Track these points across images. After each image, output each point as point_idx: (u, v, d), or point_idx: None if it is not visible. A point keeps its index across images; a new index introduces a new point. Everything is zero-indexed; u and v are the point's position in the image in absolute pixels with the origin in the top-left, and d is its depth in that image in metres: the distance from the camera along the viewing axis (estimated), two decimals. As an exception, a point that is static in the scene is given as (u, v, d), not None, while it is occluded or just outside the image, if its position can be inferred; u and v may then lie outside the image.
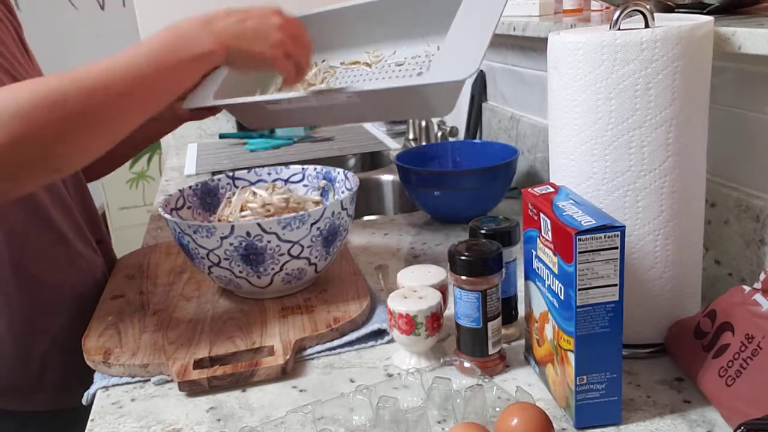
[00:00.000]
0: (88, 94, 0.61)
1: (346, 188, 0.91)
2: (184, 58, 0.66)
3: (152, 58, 0.65)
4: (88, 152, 0.64)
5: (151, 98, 0.66)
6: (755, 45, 0.62)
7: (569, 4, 1.13)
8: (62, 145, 0.60)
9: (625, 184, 0.63)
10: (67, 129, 0.60)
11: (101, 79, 0.62)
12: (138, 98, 0.64)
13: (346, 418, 0.61)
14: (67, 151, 0.61)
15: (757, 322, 0.55)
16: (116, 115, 0.63)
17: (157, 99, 0.66)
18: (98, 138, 0.63)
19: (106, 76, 0.62)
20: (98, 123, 0.62)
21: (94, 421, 0.65)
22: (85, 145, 0.63)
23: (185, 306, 0.83)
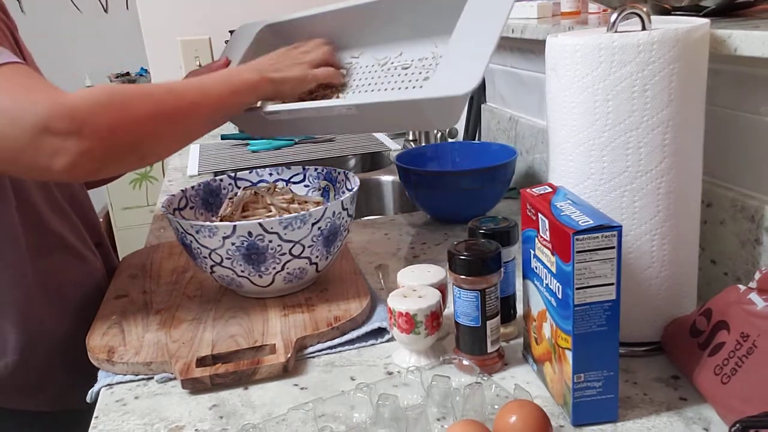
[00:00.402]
0: (177, 99, 0.74)
1: (346, 188, 0.92)
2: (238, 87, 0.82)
3: (215, 84, 0.80)
4: (168, 146, 0.76)
5: (215, 113, 0.81)
6: (751, 47, 0.63)
7: (567, 6, 1.14)
8: (150, 138, 0.71)
9: (622, 184, 0.64)
10: (159, 123, 0.72)
11: (184, 90, 0.77)
12: (207, 111, 0.79)
13: (346, 416, 0.62)
14: (154, 142, 0.73)
15: (752, 320, 0.56)
16: (192, 120, 0.77)
17: (220, 113, 0.82)
18: (178, 135, 0.76)
19: (187, 89, 0.78)
20: (179, 123, 0.75)
21: (98, 418, 0.66)
22: (167, 140, 0.75)
23: (188, 305, 0.84)
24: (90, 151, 0.65)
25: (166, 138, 0.74)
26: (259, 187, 0.95)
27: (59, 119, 0.63)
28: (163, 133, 0.73)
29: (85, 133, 0.64)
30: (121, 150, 0.69)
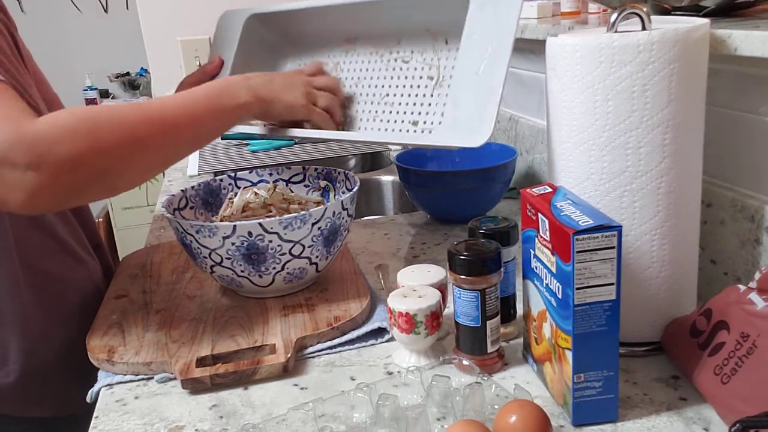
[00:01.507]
0: (150, 123, 0.68)
1: (346, 188, 0.92)
2: (226, 106, 0.76)
3: (203, 102, 0.74)
4: (141, 175, 0.70)
5: (199, 134, 0.74)
6: (751, 47, 0.63)
7: (567, 6, 1.14)
8: (121, 166, 0.65)
9: (622, 184, 0.64)
10: (129, 151, 0.65)
11: (163, 112, 0.70)
12: (189, 133, 0.73)
13: (346, 416, 0.62)
14: (124, 172, 0.66)
15: (752, 320, 0.56)
16: (170, 144, 0.71)
17: (203, 136, 0.75)
18: (153, 163, 0.70)
19: (167, 110, 0.70)
20: (155, 149, 0.69)
21: (98, 418, 0.66)
22: (140, 168, 0.68)
23: (188, 305, 0.84)
24: (49, 186, 0.60)
25: (139, 166, 0.68)
26: (260, 187, 0.95)
27: (19, 151, 0.59)
28: (134, 162, 0.67)
29: (44, 167, 0.59)
30: (86, 182, 0.63)
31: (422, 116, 0.87)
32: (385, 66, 0.92)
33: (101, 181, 0.65)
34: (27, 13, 3.48)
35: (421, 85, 0.88)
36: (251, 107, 0.78)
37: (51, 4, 3.50)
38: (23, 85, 0.84)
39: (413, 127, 0.88)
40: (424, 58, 0.88)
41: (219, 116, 0.75)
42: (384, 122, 0.91)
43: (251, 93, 0.78)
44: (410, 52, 0.90)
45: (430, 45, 0.88)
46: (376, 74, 0.93)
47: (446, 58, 0.86)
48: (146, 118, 0.68)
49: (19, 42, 0.90)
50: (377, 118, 0.92)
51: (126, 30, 3.48)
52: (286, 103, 0.82)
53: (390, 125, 0.90)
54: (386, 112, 0.91)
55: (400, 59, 0.91)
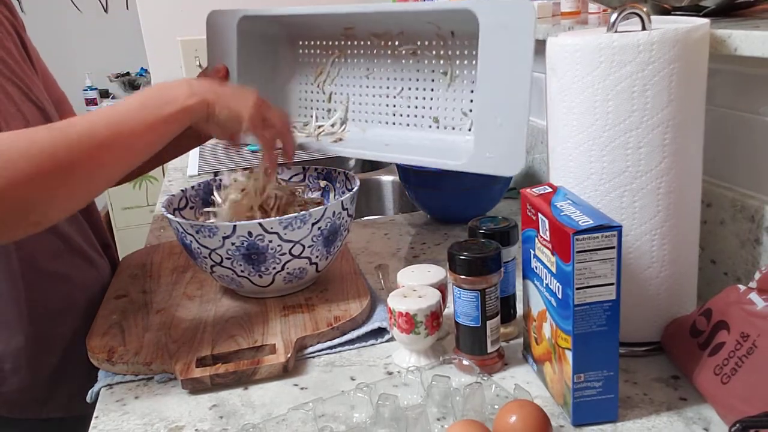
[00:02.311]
0: (72, 146, 0.60)
1: (346, 188, 0.92)
2: (164, 113, 0.67)
3: (133, 113, 0.65)
4: (68, 205, 0.64)
5: (134, 150, 0.66)
6: (751, 47, 0.63)
7: (567, 6, 1.14)
8: (44, 199, 0.59)
9: (622, 184, 0.64)
10: (52, 180, 0.59)
11: (86, 131, 0.62)
12: (121, 151, 0.64)
13: (346, 416, 0.62)
14: (48, 205, 0.60)
15: (752, 320, 0.56)
16: (99, 167, 0.63)
17: (137, 152, 0.67)
18: (80, 191, 0.63)
19: (91, 129, 0.62)
20: (82, 175, 0.62)
21: (98, 418, 0.66)
22: (66, 198, 0.62)
23: (188, 305, 0.84)
24: None
25: (65, 196, 0.61)
26: None
27: None
28: (59, 192, 0.60)
29: None
30: (6, 218, 0.58)
31: (441, 112, 0.87)
32: (392, 57, 0.90)
33: (23, 217, 0.59)
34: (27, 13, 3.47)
35: (435, 80, 0.87)
36: (193, 111, 0.69)
37: (51, 4, 3.50)
38: (28, 85, 0.83)
39: (435, 124, 0.87)
40: (432, 51, 0.87)
41: (156, 127, 0.66)
42: (404, 117, 0.91)
43: (194, 95, 0.69)
44: (416, 43, 0.87)
45: (435, 36, 0.86)
46: (384, 66, 0.92)
47: (457, 51, 0.85)
48: (68, 141, 0.60)
49: (26, 41, 0.89)
50: (396, 113, 0.91)
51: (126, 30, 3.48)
52: (232, 110, 0.72)
53: (411, 120, 0.90)
54: (404, 106, 0.90)
55: (406, 51, 0.88)
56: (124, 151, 0.65)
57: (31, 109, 0.82)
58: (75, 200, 0.64)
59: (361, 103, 0.96)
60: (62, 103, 0.96)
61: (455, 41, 0.85)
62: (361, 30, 0.93)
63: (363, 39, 0.93)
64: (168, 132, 0.68)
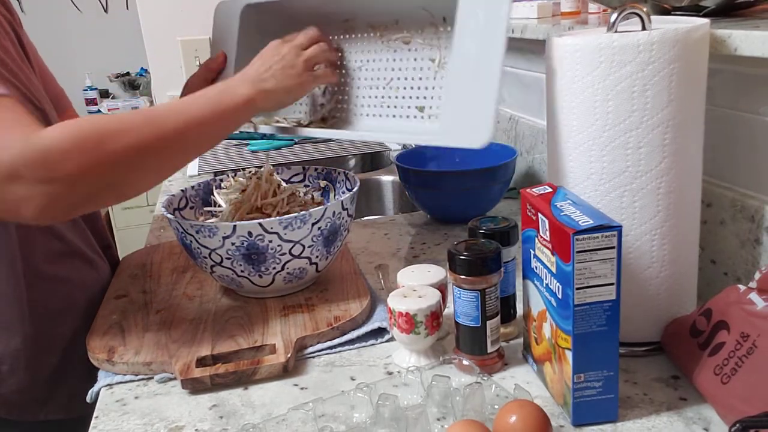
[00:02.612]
0: (157, 129, 0.68)
1: (346, 188, 0.92)
2: (229, 105, 0.75)
3: (205, 105, 0.73)
4: (151, 181, 0.70)
5: (205, 137, 0.74)
6: (751, 47, 0.63)
7: (567, 6, 1.14)
8: (131, 174, 0.67)
9: (622, 184, 0.64)
10: (138, 159, 0.66)
11: (167, 117, 0.70)
12: (195, 137, 0.72)
13: (346, 416, 0.62)
14: (134, 179, 0.68)
15: (752, 320, 0.56)
16: (178, 150, 0.71)
17: (210, 138, 0.75)
18: (161, 168, 0.71)
19: (171, 115, 0.70)
20: (163, 155, 0.69)
21: (98, 418, 0.66)
22: (149, 174, 0.69)
23: (188, 305, 0.84)
24: (60, 197, 0.62)
25: (147, 173, 0.69)
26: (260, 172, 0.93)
27: (29, 166, 0.60)
28: (143, 169, 0.68)
29: (55, 181, 0.61)
30: (96, 192, 0.65)
31: (427, 101, 0.86)
32: (386, 48, 0.90)
33: (112, 190, 0.66)
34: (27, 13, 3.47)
35: (424, 68, 0.87)
36: (257, 102, 0.77)
37: (51, 4, 3.50)
38: (26, 85, 0.83)
39: (420, 113, 0.87)
40: (424, 39, 0.86)
41: (224, 117, 0.75)
42: (390, 108, 0.90)
43: (254, 88, 0.77)
44: (409, 32, 0.88)
45: (428, 23, 0.86)
46: (377, 57, 0.92)
47: (446, 38, 0.84)
48: (152, 125, 0.68)
49: (23, 38, 0.89)
50: (383, 104, 0.91)
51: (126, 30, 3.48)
52: (290, 86, 0.81)
53: (395, 111, 0.89)
54: (391, 97, 0.90)
55: (399, 40, 0.89)
56: (197, 137, 0.72)
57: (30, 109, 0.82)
58: (157, 176, 0.71)
59: (351, 95, 0.95)
60: (61, 99, 0.96)
61: (446, 27, 0.84)
62: (360, 22, 0.93)
63: (360, 31, 0.93)
64: (234, 122, 0.77)
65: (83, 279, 0.89)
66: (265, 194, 0.86)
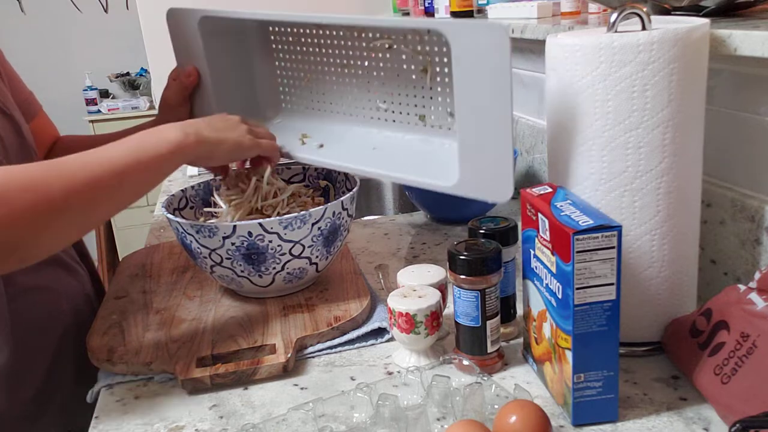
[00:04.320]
0: (68, 184, 0.60)
1: (346, 188, 0.92)
2: (157, 153, 0.68)
3: (127, 154, 0.66)
4: (59, 242, 0.64)
5: (126, 190, 0.66)
6: (751, 47, 0.63)
7: (567, 6, 1.14)
8: (36, 234, 0.59)
9: (622, 184, 0.64)
10: (44, 217, 0.59)
11: (82, 170, 0.62)
12: (113, 191, 0.65)
13: (346, 416, 0.62)
14: (39, 240, 0.60)
15: (752, 320, 0.56)
16: (93, 205, 0.63)
17: (132, 191, 0.67)
18: (72, 228, 0.63)
19: (86, 167, 0.63)
20: (75, 213, 0.62)
21: (98, 418, 0.66)
22: (58, 235, 0.62)
23: (188, 305, 0.84)
24: None
25: (56, 233, 0.61)
26: None
27: None
28: (50, 228, 0.59)
29: None
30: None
31: (427, 110, 0.84)
32: (368, 50, 0.86)
33: (12, 252, 0.58)
34: (27, 13, 3.48)
35: (416, 76, 0.84)
36: (186, 148, 0.70)
37: (51, 4, 3.50)
38: None
39: (421, 123, 0.85)
40: (410, 47, 0.82)
41: (146, 165, 0.67)
42: (389, 113, 0.88)
43: (185, 133, 0.70)
44: (390, 37, 0.84)
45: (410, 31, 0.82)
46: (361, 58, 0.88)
47: (435, 48, 0.80)
48: (62, 179, 0.60)
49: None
50: (380, 109, 0.88)
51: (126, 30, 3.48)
52: (232, 142, 0.75)
53: (396, 117, 0.87)
54: (387, 102, 0.87)
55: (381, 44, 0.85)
56: (115, 191, 0.65)
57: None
58: (64, 238, 0.64)
59: (342, 94, 0.92)
60: (31, 104, 0.94)
61: (432, 38, 0.80)
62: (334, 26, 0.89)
63: (336, 30, 0.89)
64: (160, 172, 0.69)
65: (65, 288, 0.87)
66: (266, 196, 0.86)
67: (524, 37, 1.07)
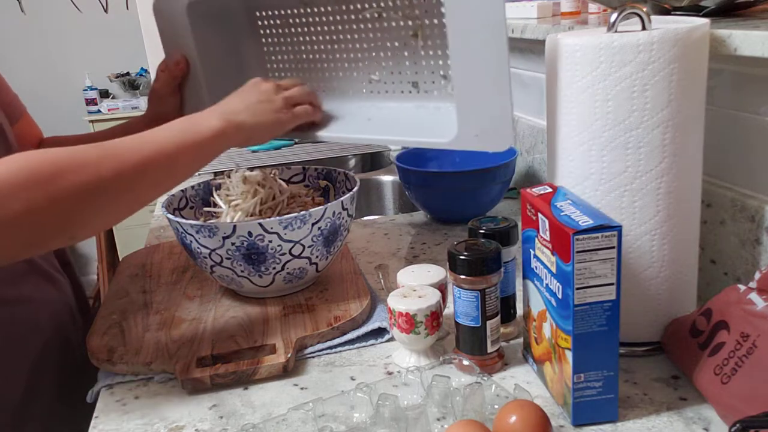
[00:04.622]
0: (118, 164, 0.61)
1: (346, 188, 0.92)
2: (197, 139, 0.69)
3: (174, 136, 0.67)
4: (107, 221, 0.64)
5: (172, 173, 0.68)
6: (751, 47, 0.63)
7: (567, 6, 1.14)
8: (82, 214, 0.60)
9: (622, 184, 0.64)
10: (92, 197, 0.59)
11: (131, 151, 0.63)
12: (161, 173, 0.66)
13: (346, 416, 0.62)
14: (87, 220, 0.61)
15: (752, 320, 0.56)
16: (137, 186, 0.64)
17: (177, 174, 0.69)
18: (120, 208, 0.64)
19: (136, 149, 0.64)
20: (122, 192, 0.63)
21: (98, 418, 0.66)
22: (106, 214, 0.63)
23: (188, 305, 0.84)
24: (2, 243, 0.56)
25: (103, 213, 0.62)
26: None
27: None
28: (98, 208, 0.60)
29: None
30: (44, 233, 0.58)
31: (419, 76, 0.83)
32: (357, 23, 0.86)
33: (62, 232, 0.59)
34: (27, 13, 3.47)
35: (407, 43, 0.83)
36: (229, 136, 0.72)
37: (51, 4, 3.49)
38: None
39: (415, 90, 0.84)
40: (399, 13, 0.81)
41: (191, 150, 0.68)
42: (382, 84, 0.87)
43: (226, 121, 0.71)
44: (379, 5, 0.82)
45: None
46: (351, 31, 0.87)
47: (425, 10, 0.79)
48: (111, 159, 0.61)
49: None
50: (372, 81, 0.87)
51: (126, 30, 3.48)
52: (270, 123, 0.76)
53: (389, 87, 0.86)
54: (380, 73, 0.86)
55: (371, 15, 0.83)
56: (163, 173, 0.66)
57: None
58: (115, 217, 0.64)
59: (333, 72, 0.91)
60: (16, 106, 0.93)
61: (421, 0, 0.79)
62: None
63: (323, 5, 0.88)
64: (204, 157, 0.71)
65: (45, 299, 0.86)
66: (266, 199, 0.86)
67: (524, 37, 1.07)
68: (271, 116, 0.76)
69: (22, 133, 0.93)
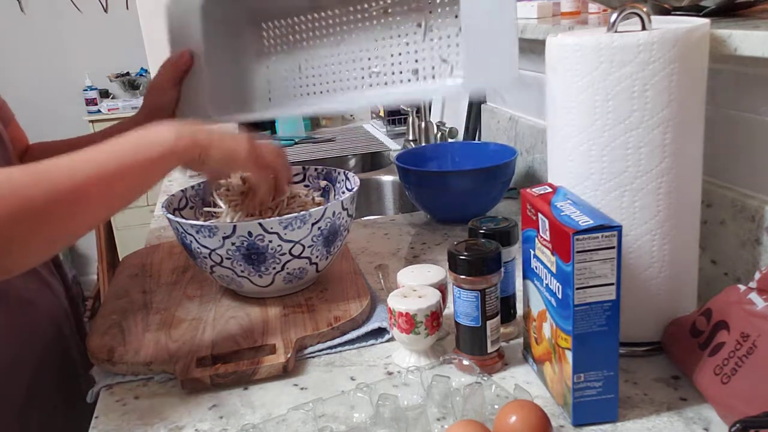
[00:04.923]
0: (51, 190, 0.56)
1: (346, 188, 0.92)
2: (148, 156, 0.63)
3: (115, 158, 0.61)
4: (42, 251, 0.60)
5: (114, 196, 0.62)
6: (751, 47, 0.63)
7: (567, 6, 1.14)
8: (13, 245, 0.55)
9: (622, 184, 0.64)
10: (25, 225, 0.54)
11: (66, 176, 0.58)
12: (99, 198, 0.60)
13: (346, 416, 0.62)
14: (18, 250, 0.56)
15: (753, 320, 0.56)
16: (78, 213, 0.59)
17: (120, 197, 0.63)
18: (55, 236, 0.59)
19: (71, 173, 0.58)
20: (56, 221, 0.57)
21: (98, 418, 0.66)
22: (38, 244, 0.58)
23: (188, 305, 0.84)
24: None
25: (37, 243, 0.56)
26: None
27: None
28: (31, 239, 0.55)
29: None
30: None
31: (420, 63, 0.84)
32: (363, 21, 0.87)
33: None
34: (27, 14, 3.47)
35: (410, 34, 0.84)
36: (182, 153, 0.65)
37: (51, 4, 3.49)
38: None
39: (414, 76, 0.85)
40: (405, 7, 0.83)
41: (138, 172, 0.62)
42: (382, 76, 0.88)
43: (182, 137, 0.65)
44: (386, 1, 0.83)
45: None
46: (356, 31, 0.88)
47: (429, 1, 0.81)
48: (41, 184, 0.55)
49: None
50: (373, 74, 0.88)
51: (126, 30, 3.48)
52: (227, 149, 0.68)
53: (389, 78, 0.87)
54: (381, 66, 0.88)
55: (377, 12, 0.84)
56: (104, 196, 0.61)
57: None
58: (50, 246, 0.60)
59: (335, 72, 0.92)
60: (5, 111, 0.93)
61: None
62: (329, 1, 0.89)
63: (330, 8, 0.88)
64: (151, 176, 0.64)
65: (44, 301, 0.86)
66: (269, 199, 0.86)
67: (524, 37, 1.07)
68: (230, 143, 0.69)
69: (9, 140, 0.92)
